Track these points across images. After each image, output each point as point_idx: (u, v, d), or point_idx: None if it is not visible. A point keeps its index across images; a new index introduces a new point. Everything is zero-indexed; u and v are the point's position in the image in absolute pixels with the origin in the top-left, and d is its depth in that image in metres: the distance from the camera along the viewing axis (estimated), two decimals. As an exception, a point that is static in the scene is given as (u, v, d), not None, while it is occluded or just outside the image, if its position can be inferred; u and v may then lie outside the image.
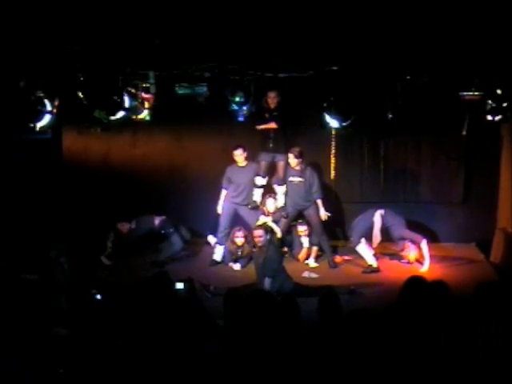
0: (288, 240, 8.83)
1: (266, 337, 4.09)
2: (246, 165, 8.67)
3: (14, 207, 7.71)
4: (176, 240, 8.68)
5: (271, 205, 8.58)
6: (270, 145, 8.55)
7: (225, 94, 7.29)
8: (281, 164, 8.64)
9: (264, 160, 8.64)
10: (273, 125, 8.47)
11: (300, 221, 8.74)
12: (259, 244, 7.44)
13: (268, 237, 7.46)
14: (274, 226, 8.45)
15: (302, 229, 8.70)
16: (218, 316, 5.06)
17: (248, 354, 3.96)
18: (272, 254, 7.35)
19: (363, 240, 8.39)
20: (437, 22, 5.58)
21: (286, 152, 8.53)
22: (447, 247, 9.14)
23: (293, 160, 8.40)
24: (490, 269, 8.35)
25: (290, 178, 8.58)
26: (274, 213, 8.60)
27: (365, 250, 8.38)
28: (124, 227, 8.66)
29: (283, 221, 8.67)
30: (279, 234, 8.48)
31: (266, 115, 8.43)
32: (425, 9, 5.35)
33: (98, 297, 5.12)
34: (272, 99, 8.32)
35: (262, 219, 8.48)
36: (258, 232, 7.48)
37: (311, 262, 8.70)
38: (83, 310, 5.14)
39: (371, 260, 8.32)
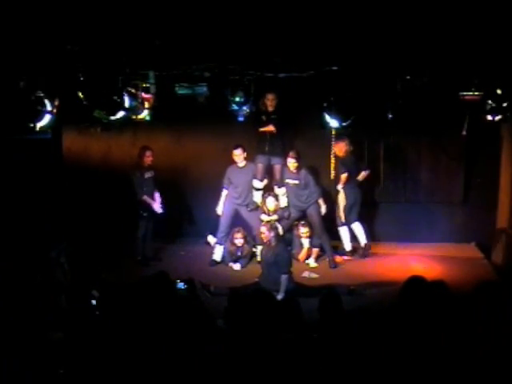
0: (288, 239, 8.84)
1: (267, 337, 4.09)
2: (245, 165, 8.67)
3: (14, 207, 7.71)
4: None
5: (271, 203, 8.59)
6: (267, 148, 8.57)
7: (225, 94, 7.29)
8: (277, 167, 8.67)
9: (261, 162, 8.67)
10: (271, 127, 8.47)
11: (302, 222, 8.75)
12: (264, 240, 7.51)
13: (273, 234, 7.47)
14: (277, 224, 8.45)
15: (303, 230, 8.71)
16: (218, 316, 5.06)
17: (248, 353, 3.96)
18: (282, 252, 7.37)
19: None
20: (437, 23, 5.57)
21: (283, 155, 8.55)
22: (447, 247, 9.15)
23: (293, 163, 8.42)
24: (490, 269, 8.36)
25: (287, 180, 8.61)
26: (275, 211, 8.61)
27: (345, 233, 8.78)
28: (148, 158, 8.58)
29: (284, 220, 8.68)
30: (281, 232, 8.48)
31: (264, 118, 8.44)
32: (425, 9, 5.35)
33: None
34: (271, 101, 8.33)
35: (264, 218, 8.49)
36: (262, 229, 7.55)
37: (311, 262, 8.71)
38: (83, 310, 5.14)
39: (348, 244, 8.70)
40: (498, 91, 6.95)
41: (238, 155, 8.57)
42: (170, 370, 4.02)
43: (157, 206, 8.62)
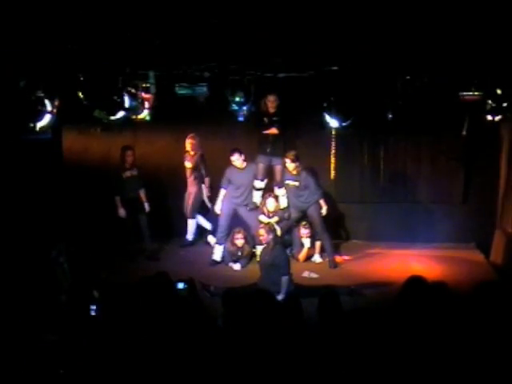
0: (288, 240, 8.84)
1: (267, 337, 4.09)
2: (246, 166, 8.69)
3: (14, 207, 7.71)
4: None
5: (271, 204, 8.60)
6: (268, 149, 8.58)
7: (225, 94, 7.29)
8: (278, 168, 8.68)
9: (262, 163, 8.68)
10: (274, 130, 8.48)
11: (304, 222, 8.75)
12: (263, 242, 7.54)
13: (271, 236, 7.47)
14: (274, 225, 8.45)
15: (305, 232, 8.71)
16: (218, 316, 5.06)
17: (248, 353, 3.96)
18: (280, 253, 7.37)
19: None
20: (437, 23, 5.57)
21: (284, 156, 8.56)
22: (447, 247, 9.15)
23: (290, 164, 8.45)
24: (490, 269, 8.36)
25: (286, 181, 8.63)
26: (275, 212, 8.61)
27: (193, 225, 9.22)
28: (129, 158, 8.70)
29: (284, 221, 8.69)
30: (279, 233, 8.48)
31: (265, 119, 8.44)
32: (425, 9, 5.34)
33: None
34: (272, 103, 8.33)
35: (263, 219, 8.49)
36: (260, 231, 7.58)
37: (317, 259, 8.77)
38: (83, 309, 5.14)
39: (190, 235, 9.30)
40: (498, 91, 6.95)
41: (236, 160, 8.60)
42: (170, 370, 4.02)
43: (121, 211, 8.66)
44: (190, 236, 9.40)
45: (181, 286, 5.30)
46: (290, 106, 8.53)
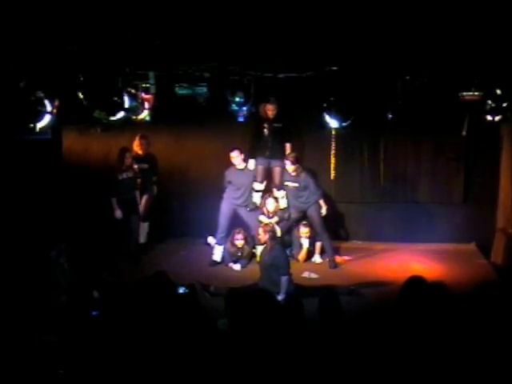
0: (287, 240, 8.84)
1: (268, 337, 4.09)
2: (245, 167, 8.70)
3: (14, 208, 7.70)
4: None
5: (271, 204, 8.60)
6: (267, 152, 8.62)
7: (225, 95, 7.29)
8: (277, 170, 8.71)
9: (261, 164, 8.70)
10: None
11: (304, 222, 8.75)
12: (261, 241, 7.55)
13: (267, 236, 7.46)
14: (275, 226, 8.45)
15: (304, 230, 8.71)
16: (218, 316, 5.07)
17: (249, 353, 3.96)
18: (279, 254, 7.37)
19: None
20: (436, 23, 5.57)
21: (283, 158, 8.57)
22: (447, 247, 9.15)
23: (289, 166, 8.48)
24: (490, 269, 8.35)
25: (286, 182, 8.65)
26: (275, 212, 8.62)
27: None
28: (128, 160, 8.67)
29: (284, 222, 8.70)
30: (279, 234, 8.48)
31: (265, 125, 8.48)
32: (424, 9, 5.35)
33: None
34: (271, 111, 8.40)
35: (263, 219, 8.49)
36: (259, 230, 7.59)
37: (317, 259, 8.77)
38: (83, 310, 5.15)
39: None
40: (498, 91, 6.95)
41: (235, 157, 8.62)
42: (170, 370, 4.02)
43: (118, 213, 8.60)
44: (142, 239, 9.12)
45: (181, 290, 5.30)
46: (289, 107, 8.54)
